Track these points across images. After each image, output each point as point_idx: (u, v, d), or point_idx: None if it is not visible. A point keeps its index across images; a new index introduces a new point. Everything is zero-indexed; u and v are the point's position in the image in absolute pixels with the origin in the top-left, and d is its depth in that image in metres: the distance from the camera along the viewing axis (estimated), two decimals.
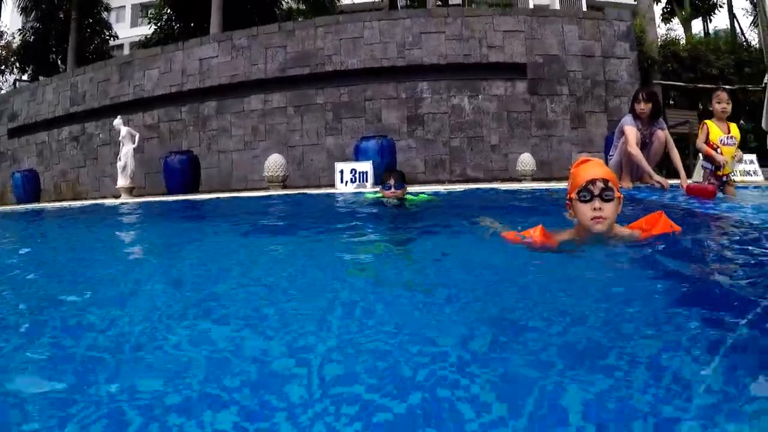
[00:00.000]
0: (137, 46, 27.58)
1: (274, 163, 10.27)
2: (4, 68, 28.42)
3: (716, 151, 5.78)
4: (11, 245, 4.94)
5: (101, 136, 14.34)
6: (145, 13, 38.26)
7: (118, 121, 11.64)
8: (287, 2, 25.78)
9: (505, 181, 10.59)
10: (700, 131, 5.93)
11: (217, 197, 8.50)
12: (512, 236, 2.76)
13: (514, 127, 11.79)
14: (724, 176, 5.91)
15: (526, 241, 2.63)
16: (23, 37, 27.33)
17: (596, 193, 2.48)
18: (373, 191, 6.92)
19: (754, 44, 18.01)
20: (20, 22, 30.38)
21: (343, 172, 9.15)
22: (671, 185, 6.43)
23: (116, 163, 11.65)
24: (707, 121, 5.91)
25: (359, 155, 9.94)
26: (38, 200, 13.31)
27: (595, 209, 2.47)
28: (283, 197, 7.85)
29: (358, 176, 8.99)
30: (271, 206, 6.91)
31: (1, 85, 29.37)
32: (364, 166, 9.09)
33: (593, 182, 2.49)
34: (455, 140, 11.77)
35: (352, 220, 4.90)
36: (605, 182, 2.49)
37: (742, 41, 19.73)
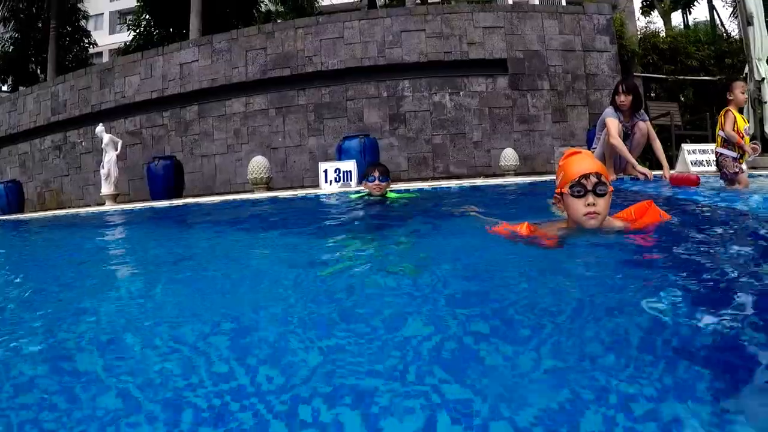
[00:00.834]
0: (117, 53, 27.39)
1: (257, 165, 10.24)
2: None
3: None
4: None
5: (84, 144, 14.25)
6: (123, 20, 38.14)
7: (100, 128, 11.58)
8: (266, 4, 25.72)
9: (488, 176, 10.62)
10: (724, 119, 5.75)
11: (218, 200, 8.50)
12: (501, 230, 2.71)
13: (496, 122, 11.82)
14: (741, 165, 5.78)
15: (515, 235, 2.58)
16: (1, 47, 27.14)
17: (590, 187, 2.40)
18: (356, 191, 6.92)
19: (734, 35, 18.12)
20: None
21: (327, 171, 9.15)
22: (654, 176, 6.49)
23: (100, 171, 11.60)
24: (731, 110, 5.72)
25: (342, 155, 9.93)
26: (22, 210, 13.20)
27: (588, 204, 2.40)
28: (272, 200, 7.83)
29: (342, 175, 9.00)
30: (265, 209, 6.90)
31: None
32: (347, 165, 9.10)
33: (586, 176, 2.41)
34: (437, 137, 11.79)
35: (340, 218, 4.91)
36: (598, 176, 2.42)
37: (722, 32, 19.86)
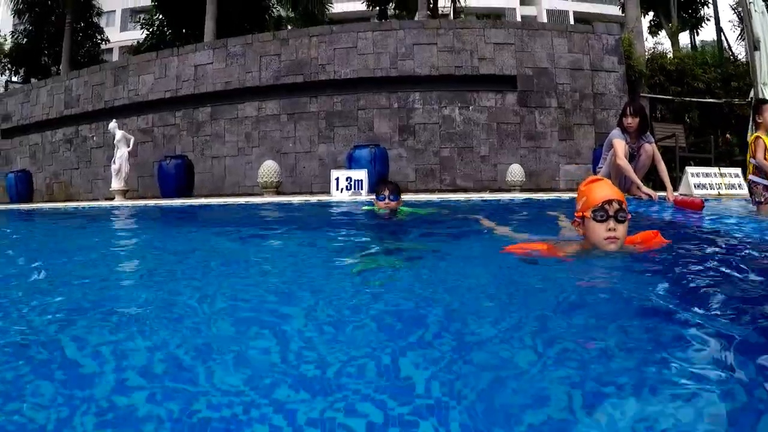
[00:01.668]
0: (128, 50, 27.61)
1: (268, 169, 10.42)
2: None
3: None
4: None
5: (95, 139, 14.46)
6: (134, 17, 38.36)
7: (113, 124, 11.78)
8: (277, 10, 25.94)
9: (494, 191, 10.78)
10: (755, 147, 5.64)
11: (227, 203, 8.70)
12: (517, 249, 2.84)
13: (503, 138, 12.00)
14: None
15: (533, 254, 2.72)
16: (15, 39, 27.39)
17: (611, 213, 2.56)
18: (368, 201, 7.07)
19: (740, 58, 18.29)
20: (11, 24, 30.39)
21: (338, 179, 9.33)
22: (659, 197, 6.66)
23: (110, 166, 11.80)
24: (761, 136, 5.62)
25: (352, 163, 10.12)
26: (31, 201, 13.40)
27: (609, 230, 2.56)
28: (284, 205, 8.02)
29: (353, 184, 9.18)
30: (282, 213, 7.09)
31: None
32: (359, 174, 9.28)
33: (609, 203, 2.57)
34: (445, 150, 11.97)
35: (353, 227, 5.07)
36: (620, 203, 2.59)
37: (729, 55, 20.05)
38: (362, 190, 9.06)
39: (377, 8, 26.68)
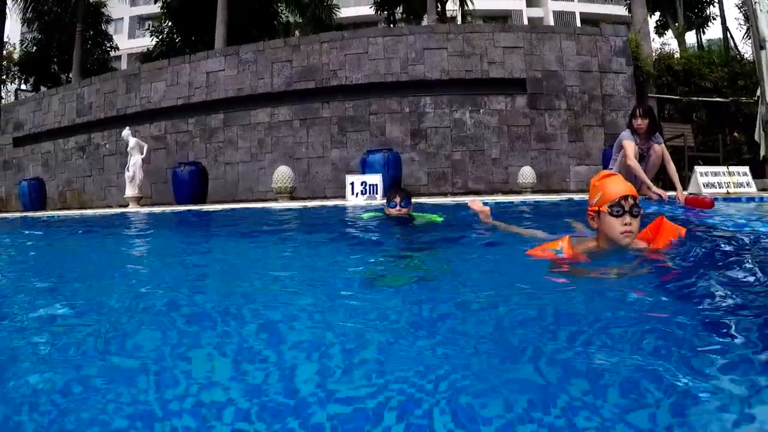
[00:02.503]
0: (136, 57, 27.85)
1: (282, 174, 10.54)
2: (5, 78, 28.62)
3: None
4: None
5: (107, 146, 14.61)
6: (143, 25, 38.59)
7: (126, 132, 11.91)
8: (286, 15, 26.08)
9: (506, 193, 10.88)
10: None
11: (243, 207, 8.76)
12: (539, 252, 2.91)
13: (514, 140, 12.10)
14: None
15: (559, 256, 2.80)
16: (25, 47, 27.62)
17: (627, 208, 2.68)
18: (381, 205, 7.09)
19: (747, 56, 18.29)
20: (20, 32, 30.68)
21: (353, 184, 9.45)
22: (669, 197, 6.74)
23: (124, 173, 11.93)
24: None
25: (366, 168, 10.23)
26: (44, 208, 13.53)
27: (625, 224, 2.68)
28: (300, 210, 8.04)
29: (368, 188, 9.29)
30: (300, 218, 7.16)
31: (2, 94, 29.53)
32: (373, 178, 9.40)
33: (625, 198, 2.70)
34: (457, 153, 12.08)
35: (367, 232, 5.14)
36: (634, 199, 2.71)
37: (735, 53, 20.06)
38: (377, 194, 9.17)
39: (385, 12, 26.75)
